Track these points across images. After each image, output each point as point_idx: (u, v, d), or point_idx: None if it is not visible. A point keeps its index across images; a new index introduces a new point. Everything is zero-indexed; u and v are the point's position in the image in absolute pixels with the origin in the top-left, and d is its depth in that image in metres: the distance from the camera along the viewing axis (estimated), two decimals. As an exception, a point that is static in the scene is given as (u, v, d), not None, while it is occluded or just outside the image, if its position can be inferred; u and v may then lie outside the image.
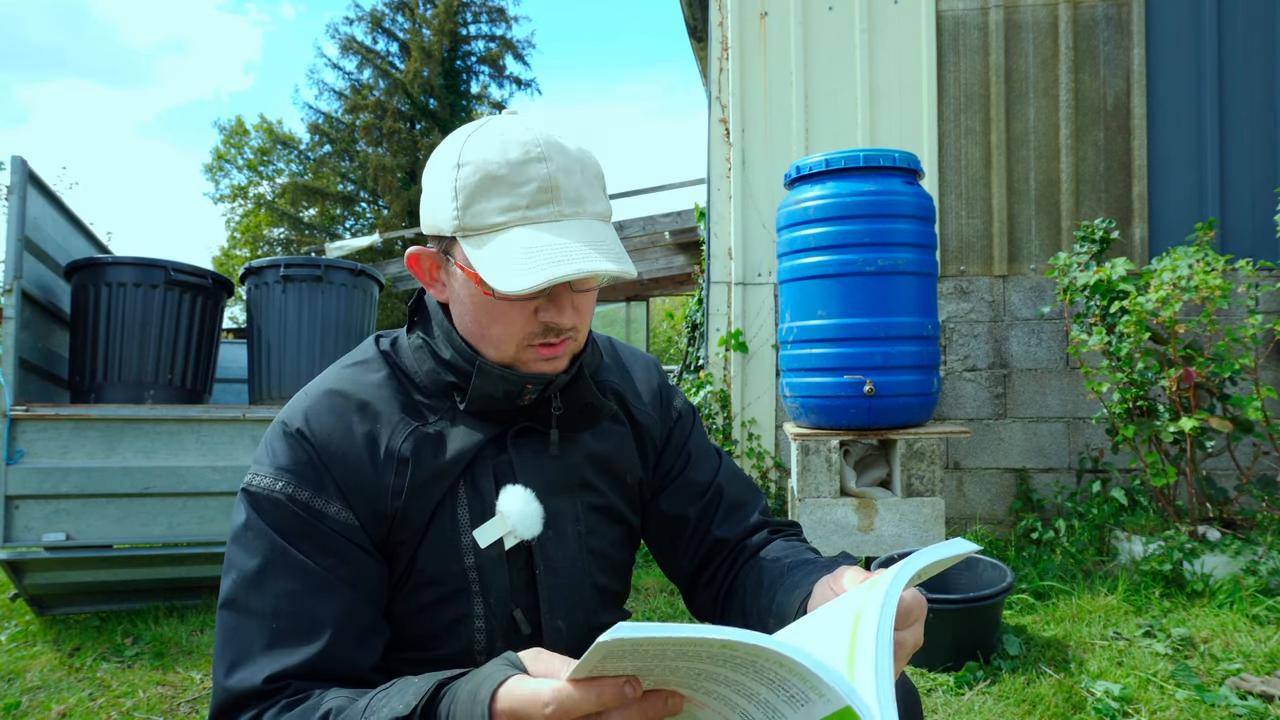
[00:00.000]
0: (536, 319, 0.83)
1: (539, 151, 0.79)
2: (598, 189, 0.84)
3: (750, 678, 0.53)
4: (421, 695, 0.65)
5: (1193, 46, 3.72)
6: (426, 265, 0.88)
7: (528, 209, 0.78)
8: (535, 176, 0.78)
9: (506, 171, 0.78)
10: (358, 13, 19.15)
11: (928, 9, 3.83)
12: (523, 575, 0.89)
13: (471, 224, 0.79)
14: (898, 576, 0.61)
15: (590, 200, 0.82)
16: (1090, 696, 1.98)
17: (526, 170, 0.78)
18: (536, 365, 0.86)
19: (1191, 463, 2.87)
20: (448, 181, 0.80)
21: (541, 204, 0.78)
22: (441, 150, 0.84)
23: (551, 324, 0.83)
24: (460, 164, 0.79)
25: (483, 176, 0.78)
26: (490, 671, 0.62)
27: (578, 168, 0.81)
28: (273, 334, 3.16)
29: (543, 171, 0.78)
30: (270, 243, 20.89)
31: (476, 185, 0.78)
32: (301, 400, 0.86)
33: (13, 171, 2.65)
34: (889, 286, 2.73)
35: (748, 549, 0.99)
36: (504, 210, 0.78)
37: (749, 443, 3.87)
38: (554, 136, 0.81)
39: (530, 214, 0.78)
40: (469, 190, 0.79)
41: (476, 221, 0.79)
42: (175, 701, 2.21)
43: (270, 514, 0.79)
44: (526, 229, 0.78)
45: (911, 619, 0.68)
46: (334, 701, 0.70)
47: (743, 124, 3.96)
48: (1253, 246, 3.58)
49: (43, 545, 2.58)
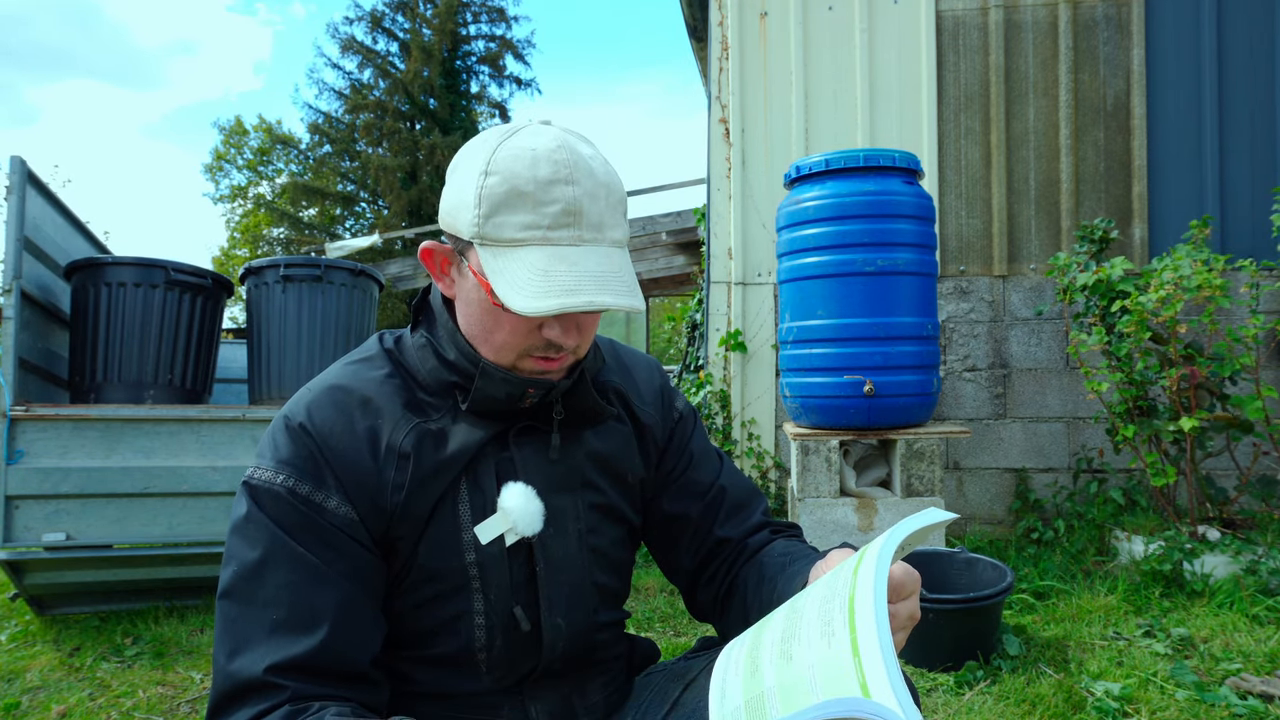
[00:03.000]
0: (540, 334, 0.84)
1: (567, 173, 0.79)
2: (619, 214, 0.84)
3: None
4: None
5: (1193, 46, 3.72)
6: (439, 260, 0.88)
7: (549, 229, 0.78)
8: (560, 198, 0.78)
9: (533, 189, 0.78)
10: (358, 12, 19.17)
11: (928, 9, 3.83)
12: (523, 572, 0.89)
13: (491, 234, 0.79)
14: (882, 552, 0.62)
15: (610, 227, 0.82)
16: (1090, 696, 1.98)
17: (552, 191, 0.78)
18: (532, 374, 0.87)
19: (1191, 463, 2.87)
20: (473, 187, 0.80)
21: (563, 226, 0.79)
22: (471, 151, 0.83)
23: (554, 342, 0.84)
24: (488, 172, 0.79)
25: (509, 190, 0.78)
26: None
27: (603, 193, 0.81)
28: (273, 334, 3.16)
29: (569, 194, 0.79)
30: (270, 243, 20.90)
31: (502, 198, 0.79)
32: (304, 395, 0.87)
33: (12, 171, 2.65)
34: (889, 286, 2.73)
35: (749, 548, 1.00)
36: (525, 227, 0.78)
37: (749, 443, 3.87)
38: (584, 157, 0.81)
39: (550, 235, 0.79)
40: (493, 201, 0.79)
41: (496, 233, 0.79)
42: (175, 701, 2.21)
43: (271, 507, 0.80)
44: (544, 250, 0.78)
45: (905, 592, 0.70)
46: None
47: (743, 124, 3.96)
48: (1253, 246, 3.58)
49: (43, 545, 2.58)
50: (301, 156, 20.90)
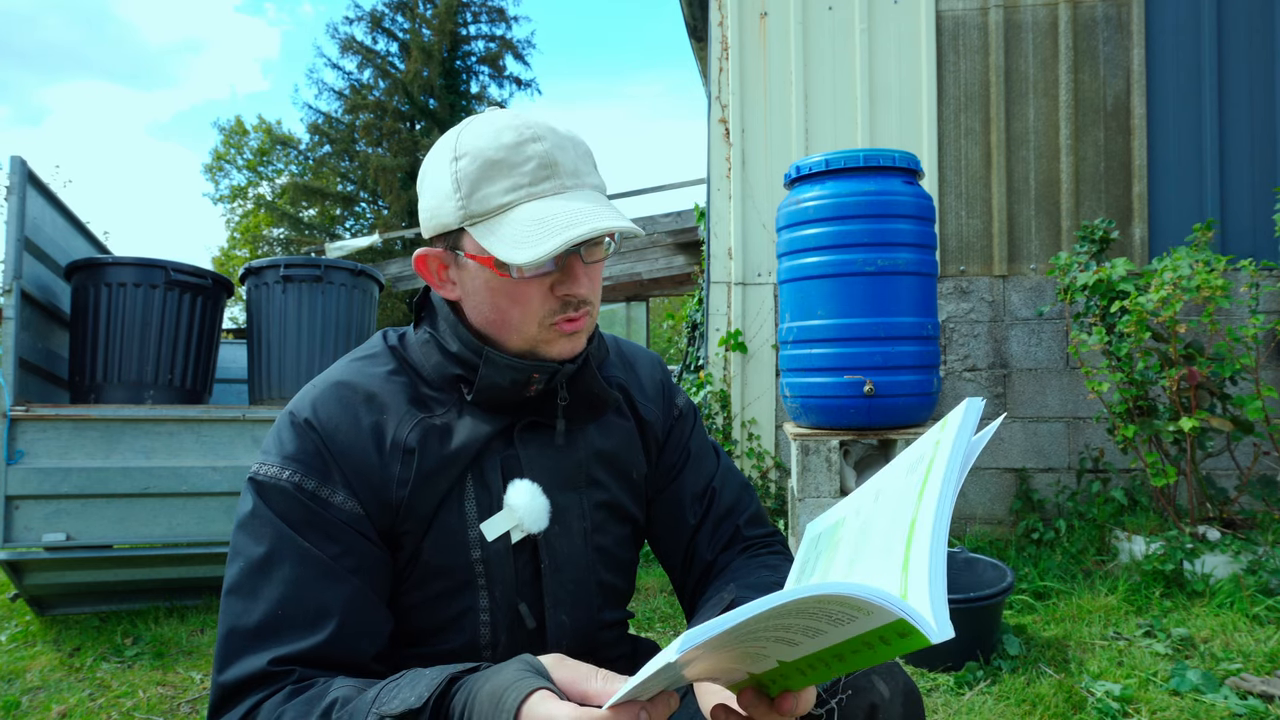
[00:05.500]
0: (553, 295, 0.84)
1: (531, 132, 0.81)
2: (590, 164, 0.86)
3: (793, 619, 0.54)
4: (433, 688, 0.65)
5: (1193, 46, 3.72)
6: (435, 266, 0.89)
7: (531, 186, 0.80)
8: (533, 155, 0.80)
9: (504, 155, 0.80)
10: (357, 13, 19.15)
11: (928, 9, 3.83)
12: (528, 569, 0.89)
13: (478, 210, 0.80)
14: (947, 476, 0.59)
15: (586, 174, 0.84)
16: (1090, 696, 1.98)
17: (523, 150, 0.80)
18: (559, 345, 0.87)
19: (1191, 463, 2.87)
20: (447, 176, 0.82)
21: (543, 179, 0.80)
22: (435, 151, 0.86)
23: (569, 296, 0.84)
24: (457, 157, 0.81)
25: (482, 163, 0.80)
26: (515, 679, 0.62)
27: (570, 145, 0.84)
28: (273, 334, 3.16)
29: (539, 149, 0.81)
30: (270, 243, 20.89)
31: (477, 172, 0.80)
32: (309, 391, 0.87)
33: (12, 172, 2.65)
34: (889, 286, 2.73)
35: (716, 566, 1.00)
36: (508, 191, 0.80)
37: (749, 443, 3.87)
38: (542, 119, 0.84)
39: (534, 190, 0.80)
40: (470, 179, 0.80)
41: (482, 206, 0.80)
42: (175, 701, 2.21)
43: (277, 502, 0.79)
44: (533, 204, 0.80)
45: None
46: (340, 691, 0.70)
47: (742, 124, 3.96)
48: (1253, 246, 3.59)
49: (43, 545, 2.58)
50: (301, 157, 20.89)
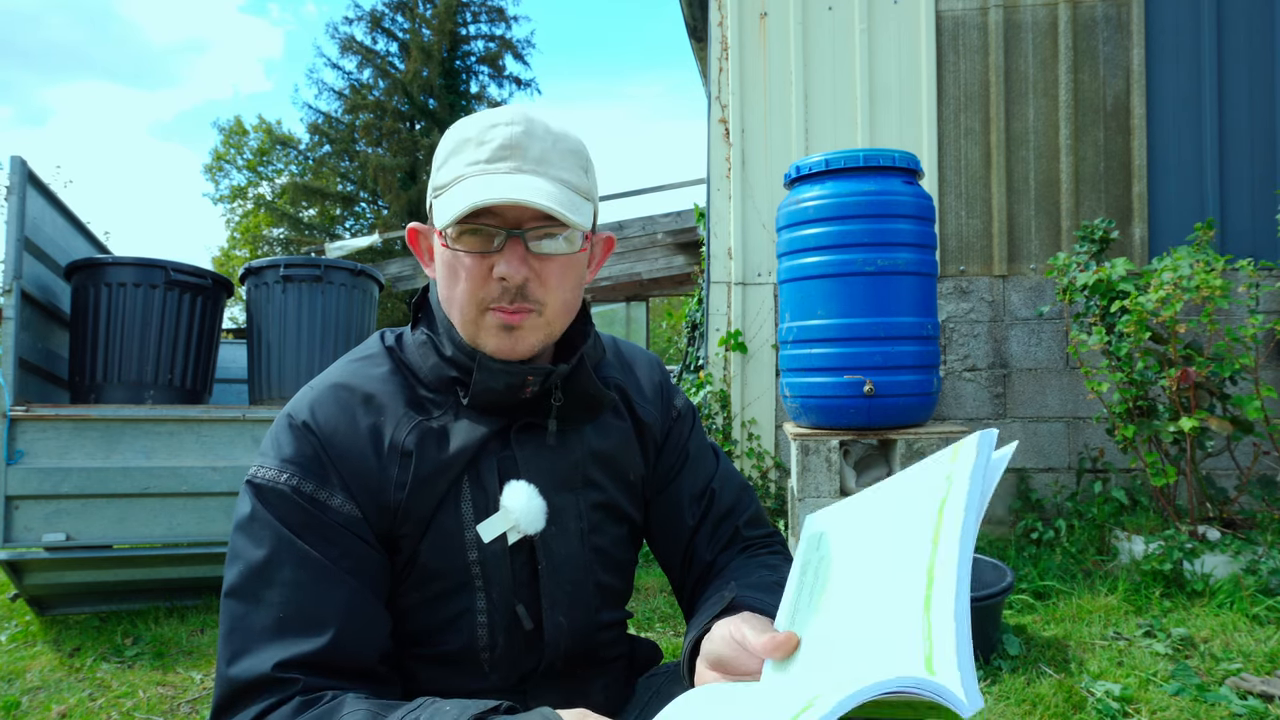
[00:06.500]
0: (492, 277, 0.82)
1: (509, 117, 0.83)
2: (571, 163, 0.84)
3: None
4: None
5: (1193, 46, 3.72)
6: (424, 245, 0.92)
7: (487, 162, 0.81)
8: (499, 135, 0.82)
9: (475, 134, 0.82)
10: (357, 13, 19.15)
11: (927, 9, 3.83)
12: (525, 570, 0.89)
13: (439, 182, 0.84)
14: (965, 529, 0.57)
15: (558, 166, 0.83)
16: (1090, 696, 1.98)
17: (493, 131, 0.82)
18: (496, 338, 0.84)
19: (1191, 463, 2.87)
20: (436, 159, 0.86)
21: (501, 159, 0.81)
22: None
23: (504, 279, 0.81)
24: (444, 141, 0.85)
25: (456, 141, 0.84)
26: None
27: (550, 139, 0.83)
28: (273, 334, 3.16)
29: (508, 132, 0.82)
30: (270, 243, 20.89)
31: (449, 150, 0.84)
32: (307, 394, 0.87)
33: (12, 172, 2.65)
34: (889, 286, 2.73)
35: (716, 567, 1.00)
36: (466, 164, 0.82)
37: (749, 443, 3.87)
38: (536, 115, 0.84)
39: (489, 167, 0.81)
40: (443, 154, 0.84)
41: (443, 179, 0.83)
42: (175, 702, 2.21)
43: (275, 506, 0.79)
44: (482, 178, 0.80)
45: None
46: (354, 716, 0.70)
47: (742, 124, 3.96)
48: (1253, 247, 3.59)
49: (43, 545, 2.58)
50: (301, 157, 20.89)
